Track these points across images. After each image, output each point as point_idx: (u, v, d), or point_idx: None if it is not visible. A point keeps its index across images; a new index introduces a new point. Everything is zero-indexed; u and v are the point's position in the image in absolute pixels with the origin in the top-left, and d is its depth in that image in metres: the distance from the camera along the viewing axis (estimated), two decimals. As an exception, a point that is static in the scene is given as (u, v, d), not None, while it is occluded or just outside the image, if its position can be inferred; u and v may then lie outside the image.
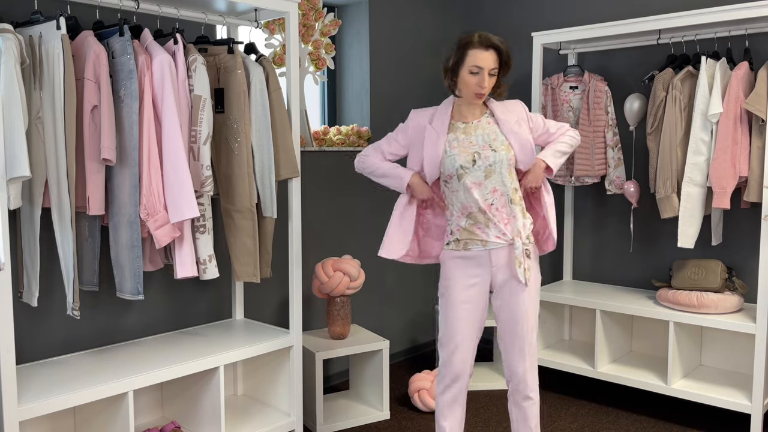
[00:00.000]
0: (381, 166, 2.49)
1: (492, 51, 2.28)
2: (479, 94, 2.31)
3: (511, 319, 2.38)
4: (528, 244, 2.37)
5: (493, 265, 2.37)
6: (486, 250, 2.36)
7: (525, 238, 2.36)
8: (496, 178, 2.33)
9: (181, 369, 2.57)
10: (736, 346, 3.42)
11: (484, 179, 2.33)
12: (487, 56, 2.27)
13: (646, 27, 3.23)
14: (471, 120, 2.39)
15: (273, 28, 3.46)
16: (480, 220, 2.35)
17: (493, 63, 2.28)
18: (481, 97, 2.32)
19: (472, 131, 2.37)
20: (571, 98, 3.68)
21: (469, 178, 2.33)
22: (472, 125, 2.38)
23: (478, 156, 2.33)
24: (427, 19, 4.26)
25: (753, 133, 3.02)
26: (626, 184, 3.54)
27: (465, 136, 2.37)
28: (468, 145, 2.34)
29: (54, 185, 2.32)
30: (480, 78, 2.28)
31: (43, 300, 2.65)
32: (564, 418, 3.33)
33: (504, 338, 2.42)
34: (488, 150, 2.33)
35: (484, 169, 2.32)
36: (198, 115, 2.58)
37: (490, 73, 2.29)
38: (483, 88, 2.29)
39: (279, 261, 3.46)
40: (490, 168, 2.32)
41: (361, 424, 3.29)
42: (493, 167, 2.32)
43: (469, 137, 2.36)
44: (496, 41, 2.28)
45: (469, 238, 2.37)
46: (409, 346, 4.34)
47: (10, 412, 2.13)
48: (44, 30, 2.29)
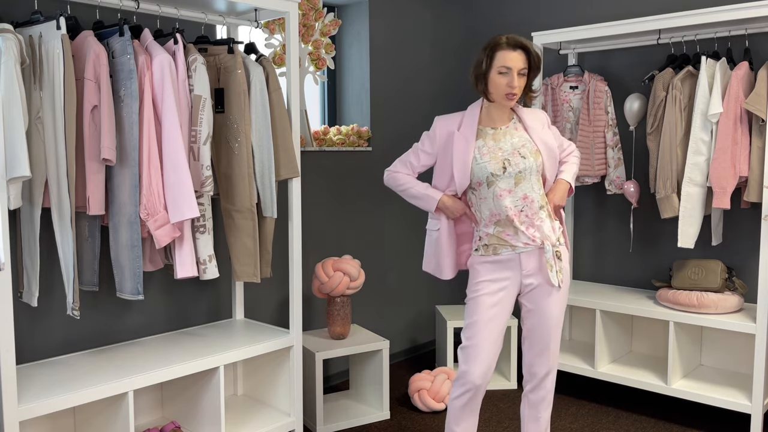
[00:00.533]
0: (411, 186, 2.48)
1: (520, 51, 2.27)
2: (510, 94, 2.28)
3: (541, 322, 2.39)
4: (558, 246, 2.37)
5: (523, 268, 2.36)
6: (516, 254, 2.36)
7: (555, 240, 2.36)
8: (526, 184, 2.33)
9: (181, 369, 2.57)
10: (736, 346, 3.42)
11: (515, 186, 2.33)
12: (516, 56, 2.26)
13: (646, 27, 3.23)
14: (500, 126, 2.38)
15: (273, 28, 3.46)
16: (508, 227, 2.35)
17: (522, 63, 2.27)
18: (512, 98, 2.29)
19: (501, 137, 2.36)
20: (571, 98, 3.68)
21: (500, 186, 2.33)
22: (500, 131, 2.37)
23: (508, 163, 2.32)
24: (427, 19, 4.26)
25: (753, 133, 3.02)
26: (626, 184, 3.54)
27: (494, 142, 2.36)
28: (497, 152, 2.33)
29: (54, 185, 2.32)
30: (509, 78, 2.27)
31: (43, 300, 2.65)
32: (564, 418, 3.34)
33: (530, 340, 2.42)
34: (517, 157, 2.32)
35: (514, 176, 2.32)
36: (198, 115, 2.58)
37: (520, 73, 2.28)
38: (513, 88, 2.27)
39: (279, 261, 3.46)
40: (520, 175, 2.32)
41: (361, 424, 3.29)
42: (523, 174, 2.32)
43: (498, 143, 2.35)
44: (524, 42, 2.28)
45: (498, 244, 2.37)
46: (409, 346, 4.34)
47: (10, 412, 2.13)
48: (44, 30, 2.29)
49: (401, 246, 4.21)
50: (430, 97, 4.31)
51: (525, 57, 2.28)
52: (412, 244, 4.28)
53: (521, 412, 2.53)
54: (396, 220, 4.17)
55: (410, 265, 4.28)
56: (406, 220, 4.23)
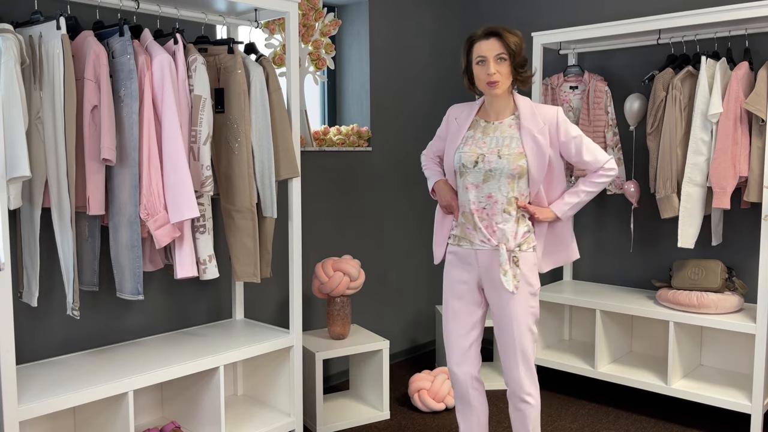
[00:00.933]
0: (427, 167, 2.59)
1: (494, 38, 2.25)
2: (490, 82, 2.25)
3: (502, 325, 2.36)
4: (518, 251, 2.33)
5: (479, 265, 2.37)
6: (473, 250, 2.37)
7: (515, 246, 2.32)
8: (494, 184, 2.31)
9: (181, 369, 2.57)
10: (736, 346, 3.42)
11: (482, 182, 2.32)
12: (489, 43, 2.25)
13: (646, 27, 3.22)
14: (493, 120, 2.37)
15: (273, 28, 3.46)
16: (469, 220, 2.37)
17: (498, 49, 2.24)
18: (494, 85, 2.25)
19: (490, 132, 2.35)
20: (571, 98, 3.68)
21: (468, 179, 2.34)
22: (492, 125, 2.36)
23: (481, 158, 2.31)
24: (427, 19, 4.26)
25: (753, 133, 3.02)
26: (626, 184, 3.54)
27: (482, 135, 2.36)
28: (480, 146, 2.33)
29: (54, 185, 2.32)
30: (486, 66, 2.25)
31: (43, 300, 2.65)
32: (564, 418, 3.33)
33: (499, 342, 2.42)
34: (494, 155, 2.30)
35: (483, 172, 2.31)
36: (198, 115, 2.58)
37: (498, 59, 2.24)
38: (491, 75, 2.24)
39: (279, 261, 3.46)
40: (489, 173, 2.30)
41: (361, 424, 3.29)
42: (492, 173, 2.30)
43: (485, 137, 2.34)
44: (497, 28, 2.26)
45: (461, 236, 2.41)
46: (409, 346, 4.34)
47: (10, 412, 2.13)
48: (44, 30, 2.29)
49: (401, 246, 4.21)
50: (430, 97, 4.31)
51: (500, 43, 2.24)
52: (412, 244, 4.28)
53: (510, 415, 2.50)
54: (396, 220, 4.17)
55: (410, 265, 4.28)
56: (407, 220, 4.23)
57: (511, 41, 2.25)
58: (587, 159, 2.34)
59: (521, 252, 2.33)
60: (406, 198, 4.21)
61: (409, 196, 4.23)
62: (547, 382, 3.83)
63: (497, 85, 2.26)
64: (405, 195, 4.21)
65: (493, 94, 2.29)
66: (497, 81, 2.25)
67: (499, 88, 2.27)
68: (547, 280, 4.15)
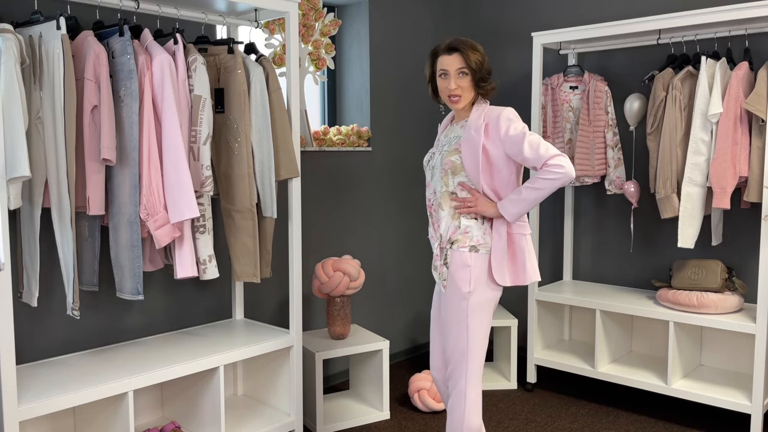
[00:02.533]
0: None
1: (456, 53, 2.28)
2: (451, 96, 2.30)
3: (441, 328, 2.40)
4: (449, 248, 2.28)
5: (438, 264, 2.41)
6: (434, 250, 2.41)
7: (446, 242, 2.29)
8: (436, 180, 2.37)
9: (181, 369, 2.57)
10: (736, 346, 3.42)
11: (431, 180, 2.41)
12: (451, 59, 2.28)
13: (646, 27, 3.22)
14: (455, 123, 2.43)
15: (273, 28, 3.46)
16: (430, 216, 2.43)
17: (459, 63, 2.27)
18: (455, 99, 2.30)
19: (449, 134, 2.41)
20: (571, 98, 3.68)
21: (426, 176, 2.45)
22: (452, 128, 2.42)
23: (432, 157, 2.41)
24: (427, 20, 4.26)
25: (753, 133, 3.02)
26: (626, 184, 3.54)
27: (444, 137, 2.43)
28: (436, 147, 2.43)
29: (54, 185, 2.32)
30: (447, 81, 2.30)
31: (43, 300, 2.65)
32: (564, 418, 3.33)
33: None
34: (438, 153, 2.39)
35: (431, 170, 2.40)
36: (198, 115, 2.58)
37: (459, 73, 2.28)
38: (451, 90, 2.29)
39: (279, 261, 3.46)
40: (433, 170, 2.39)
41: (361, 424, 3.29)
42: (434, 170, 2.38)
43: (444, 139, 2.42)
44: (457, 43, 2.27)
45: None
46: (409, 346, 4.34)
47: (10, 412, 2.13)
48: (44, 30, 2.29)
49: (401, 246, 4.21)
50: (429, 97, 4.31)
51: (461, 58, 2.27)
52: (412, 245, 4.28)
53: None
54: (396, 221, 4.17)
55: (410, 265, 4.28)
56: (407, 220, 4.23)
57: (473, 59, 2.26)
58: (528, 155, 2.20)
59: (451, 250, 2.29)
60: (406, 198, 4.21)
61: (409, 196, 4.23)
62: (547, 382, 3.83)
63: (458, 99, 2.31)
64: (405, 195, 4.21)
65: (455, 108, 2.36)
66: (459, 95, 2.30)
67: (460, 103, 2.32)
68: (547, 280, 4.15)
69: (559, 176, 2.18)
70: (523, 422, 3.29)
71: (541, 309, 3.75)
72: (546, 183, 2.20)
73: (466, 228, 2.28)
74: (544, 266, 4.18)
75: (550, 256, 4.15)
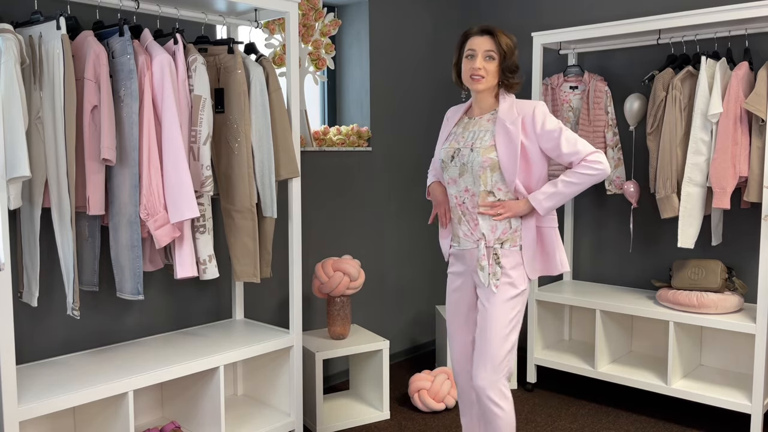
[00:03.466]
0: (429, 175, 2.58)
1: (486, 36, 2.27)
2: (474, 76, 2.25)
3: (481, 324, 2.29)
4: (499, 248, 2.28)
5: (468, 264, 2.38)
6: (461, 249, 2.38)
7: (494, 242, 2.28)
8: (468, 177, 2.30)
9: (181, 369, 2.57)
10: (736, 346, 3.42)
11: (458, 177, 2.33)
12: (481, 40, 2.26)
13: (646, 27, 3.22)
14: (476, 116, 2.37)
15: (273, 28, 3.46)
16: (457, 215, 2.38)
17: (488, 45, 2.25)
18: (477, 79, 2.25)
19: (471, 126, 2.36)
20: (571, 98, 3.68)
21: (448, 174, 2.36)
22: (473, 121, 2.36)
23: (457, 153, 2.32)
24: (427, 19, 4.26)
25: (753, 133, 3.02)
26: (626, 184, 3.54)
27: (462, 130, 2.37)
28: (459, 141, 2.35)
29: (54, 185, 2.32)
30: (474, 60, 2.26)
31: (43, 300, 2.65)
32: (564, 418, 3.33)
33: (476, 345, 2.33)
34: (468, 149, 2.30)
35: (459, 166, 2.32)
36: (198, 115, 2.58)
37: (487, 56, 2.25)
38: (476, 70, 2.24)
39: (279, 261, 3.46)
40: (463, 166, 2.31)
41: (361, 424, 3.29)
42: (466, 166, 2.30)
43: (465, 132, 2.36)
44: (492, 27, 2.27)
45: (454, 234, 2.42)
46: (409, 346, 4.33)
47: (10, 412, 2.13)
48: (44, 30, 2.29)
49: (401, 246, 4.21)
50: (430, 97, 4.31)
51: (492, 41, 2.25)
52: (412, 244, 4.28)
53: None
54: (396, 220, 4.17)
55: (410, 265, 4.28)
56: (407, 220, 4.23)
57: (503, 41, 2.26)
58: (565, 151, 2.22)
59: (503, 249, 2.29)
60: (406, 198, 4.21)
61: (409, 196, 4.23)
62: (547, 382, 3.83)
63: (480, 80, 2.25)
64: (405, 195, 4.21)
65: (475, 88, 2.29)
66: (482, 76, 2.25)
67: (482, 84, 2.26)
68: (546, 280, 4.15)
69: (598, 172, 2.22)
70: (523, 422, 3.29)
71: (541, 309, 3.75)
72: (584, 178, 2.22)
73: (516, 228, 2.30)
74: (544, 266, 4.18)
75: (550, 256, 4.15)
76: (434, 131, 4.28)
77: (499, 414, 2.25)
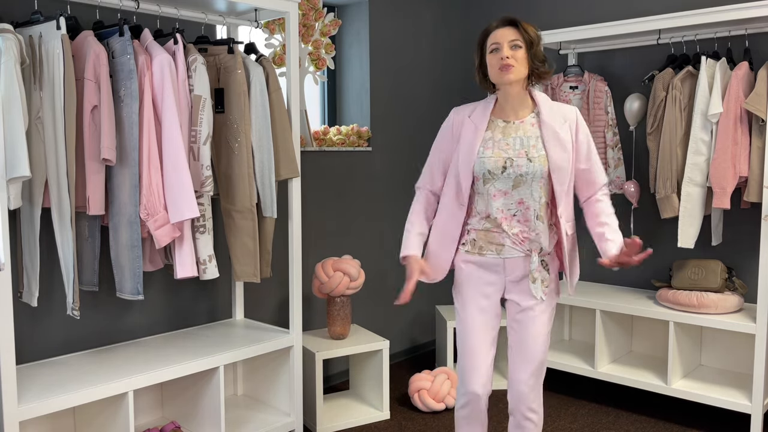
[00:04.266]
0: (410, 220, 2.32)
1: (509, 26, 2.10)
2: (503, 66, 2.06)
3: (524, 336, 2.20)
4: (547, 257, 2.20)
5: (507, 274, 2.20)
6: (501, 258, 2.18)
7: (546, 253, 2.19)
8: (525, 189, 2.12)
9: (181, 369, 2.57)
10: (736, 346, 3.42)
11: (512, 189, 2.12)
12: (504, 31, 2.09)
13: (646, 27, 3.22)
14: (513, 119, 2.16)
15: (273, 28, 3.46)
16: (496, 227, 2.17)
17: (513, 35, 2.08)
18: (507, 69, 2.06)
19: (512, 132, 2.14)
20: (571, 98, 3.68)
21: (496, 185, 2.13)
22: (513, 125, 2.15)
23: (510, 163, 2.10)
24: (427, 19, 4.26)
25: (753, 133, 3.02)
26: (626, 184, 3.54)
27: (502, 136, 2.14)
28: (503, 148, 2.12)
29: (54, 185, 2.32)
30: (500, 52, 2.07)
31: (43, 300, 2.65)
32: (564, 418, 3.33)
33: (513, 352, 2.25)
34: (523, 158, 2.10)
35: (513, 178, 2.11)
36: (198, 115, 2.58)
37: (513, 46, 2.07)
38: (504, 59, 2.06)
39: (279, 261, 3.46)
40: (520, 178, 2.10)
41: (361, 424, 3.29)
42: (524, 177, 2.10)
43: (507, 138, 2.13)
44: (513, 17, 2.12)
45: (485, 243, 2.19)
46: (409, 346, 4.34)
47: (10, 412, 2.13)
48: (44, 30, 2.29)
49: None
50: (430, 97, 4.31)
51: (516, 31, 2.09)
52: (412, 244, 4.28)
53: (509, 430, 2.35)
54: (396, 220, 4.17)
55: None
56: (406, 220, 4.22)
57: (529, 29, 2.10)
58: (596, 167, 2.19)
59: (551, 257, 2.23)
60: (406, 198, 4.21)
61: (409, 195, 4.23)
62: (547, 382, 3.83)
63: (510, 69, 2.06)
64: (405, 195, 4.20)
65: (506, 80, 2.08)
66: (511, 65, 2.06)
67: (513, 74, 2.07)
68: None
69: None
70: (523, 422, 3.29)
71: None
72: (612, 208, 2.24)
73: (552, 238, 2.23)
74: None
75: (550, 256, 4.15)
76: (434, 131, 4.28)
77: (536, 422, 2.24)
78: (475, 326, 2.22)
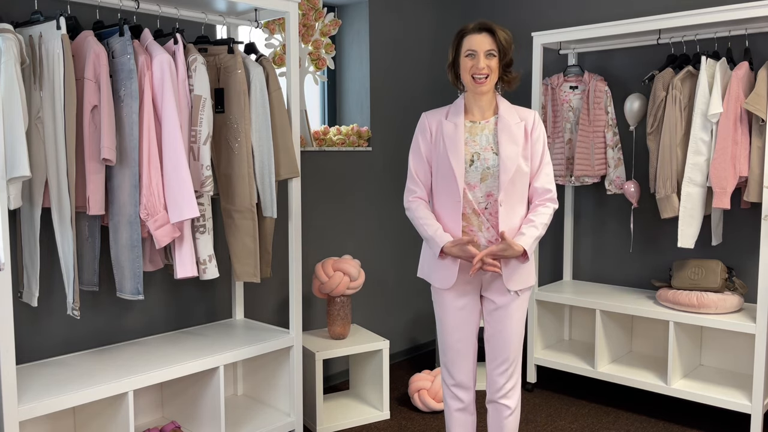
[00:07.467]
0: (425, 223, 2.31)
1: (486, 33, 2.21)
2: (477, 77, 2.20)
3: (500, 329, 2.29)
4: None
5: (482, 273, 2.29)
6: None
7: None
8: (492, 182, 2.23)
9: (181, 369, 2.57)
10: (736, 346, 3.42)
11: (480, 182, 2.24)
12: (481, 38, 2.20)
13: (646, 27, 3.22)
14: (479, 120, 2.29)
15: (273, 28, 3.46)
16: (473, 222, 2.26)
17: (489, 45, 2.20)
18: (480, 81, 2.21)
19: (478, 131, 2.27)
20: (571, 98, 3.68)
21: (465, 180, 2.25)
22: (478, 125, 2.28)
23: (477, 157, 2.24)
24: (427, 19, 4.26)
25: (753, 133, 3.02)
26: (626, 184, 3.54)
27: (470, 135, 2.27)
28: (471, 144, 2.25)
29: (54, 185, 2.32)
30: (476, 60, 2.20)
31: (43, 300, 2.65)
32: (564, 418, 3.33)
33: (490, 345, 2.34)
34: (489, 152, 2.24)
35: (481, 171, 2.23)
36: (198, 115, 2.58)
37: (488, 54, 2.20)
38: (479, 70, 2.19)
39: (279, 261, 3.46)
40: (487, 171, 2.23)
41: (361, 424, 3.29)
42: (490, 170, 2.23)
43: (474, 137, 2.27)
44: (490, 24, 2.22)
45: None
46: (409, 346, 4.34)
47: (10, 412, 2.13)
48: (44, 30, 2.29)
49: (401, 246, 4.21)
50: (430, 97, 4.31)
51: (492, 39, 2.20)
52: (411, 244, 4.28)
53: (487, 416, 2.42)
54: (396, 220, 4.17)
55: (410, 265, 4.28)
56: (406, 220, 4.23)
57: (502, 37, 2.21)
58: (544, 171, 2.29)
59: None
60: (406, 198, 4.21)
61: (409, 196, 4.23)
62: (547, 382, 3.83)
63: (485, 81, 2.21)
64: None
65: (479, 91, 2.23)
66: (487, 74, 2.20)
67: (486, 85, 2.22)
68: (546, 280, 4.15)
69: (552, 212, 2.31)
70: (523, 422, 3.29)
71: (541, 309, 3.75)
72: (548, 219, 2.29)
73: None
74: (544, 266, 4.18)
75: (550, 256, 4.15)
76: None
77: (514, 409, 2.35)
78: (460, 329, 2.34)
